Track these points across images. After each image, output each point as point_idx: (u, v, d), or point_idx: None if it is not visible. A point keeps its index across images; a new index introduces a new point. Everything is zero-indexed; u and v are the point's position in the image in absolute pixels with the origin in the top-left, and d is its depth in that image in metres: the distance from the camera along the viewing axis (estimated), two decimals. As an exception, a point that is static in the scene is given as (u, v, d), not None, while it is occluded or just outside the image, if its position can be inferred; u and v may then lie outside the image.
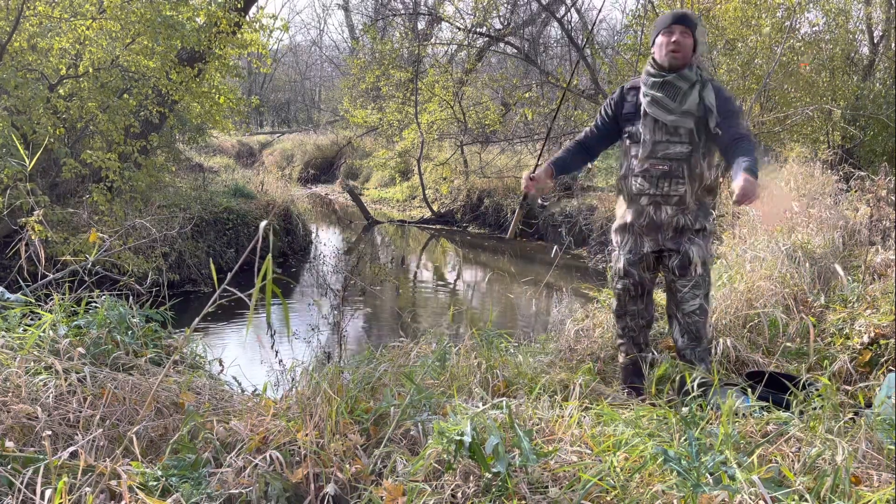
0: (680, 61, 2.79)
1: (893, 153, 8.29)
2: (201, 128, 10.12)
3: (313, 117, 27.83)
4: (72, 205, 6.62)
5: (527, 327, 5.83)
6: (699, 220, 2.93)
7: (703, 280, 2.98)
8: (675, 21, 2.80)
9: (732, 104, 2.83)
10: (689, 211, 2.91)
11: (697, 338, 3.01)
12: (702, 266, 2.96)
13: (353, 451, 2.05)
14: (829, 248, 4.62)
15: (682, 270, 2.95)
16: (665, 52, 2.80)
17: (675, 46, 2.77)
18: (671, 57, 2.78)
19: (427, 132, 12.95)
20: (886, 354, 3.18)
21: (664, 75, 2.81)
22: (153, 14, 6.15)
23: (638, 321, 3.15)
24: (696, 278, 2.96)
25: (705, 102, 2.77)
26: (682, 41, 2.77)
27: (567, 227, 10.45)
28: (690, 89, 2.79)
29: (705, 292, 3.01)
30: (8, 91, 5.89)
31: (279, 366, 3.78)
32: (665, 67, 2.82)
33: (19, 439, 1.96)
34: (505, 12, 14.32)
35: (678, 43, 2.76)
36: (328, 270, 8.65)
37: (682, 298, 2.98)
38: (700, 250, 2.95)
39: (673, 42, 2.77)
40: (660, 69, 2.84)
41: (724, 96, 2.84)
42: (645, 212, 2.96)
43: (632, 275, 3.06)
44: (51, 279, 3.56)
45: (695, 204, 2.91)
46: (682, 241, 2.95)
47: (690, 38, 2.79)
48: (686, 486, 1.72)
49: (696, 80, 2.80)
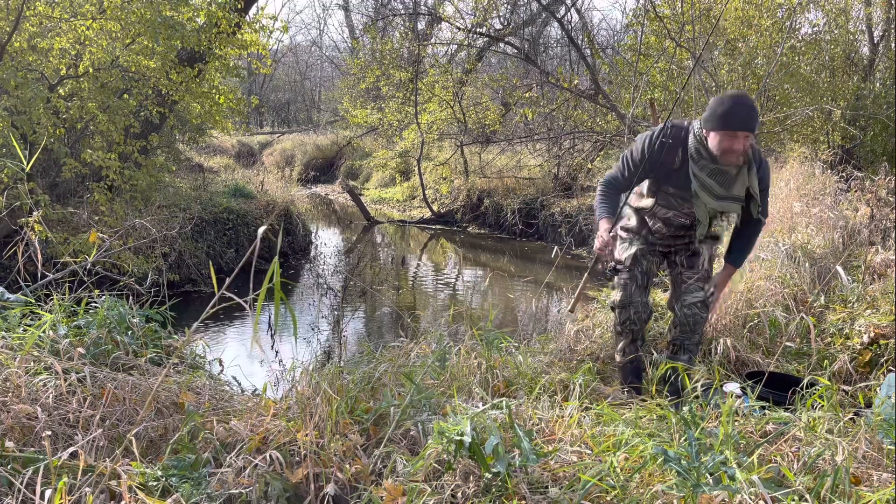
0: (737, 164, 2.75)
1: (893, 153, 8.29)
2: (201, 128, 10.12)
3: (313, 117, 27.83)
4: (72, 205, 6.62)
5: (527, 327, 5.82)
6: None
7: (708, 275, 3.11)
8: (740, 126, 2.66)
9: (766, 181, 2.90)
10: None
11: (692, 330, 3.08)
12: (709, 262, 3.10)
13: (353, 451, 2.05)
14: (829, 248, 4.62)
15: (690, 262, 3.09)
16: (725, 156, 2.71)
17: (737, 155, 2.70)
18: (730, 161, 2.73)
19: (427, 132, 12.94)
20: (886, 354, 3.18)
21: (717, 164, 2.77)
22: (153, 14, 6.15)
23: (641, 314, 3.17)
24: (703, 272, 3.08)
25: (752, 190, 2.81)
26: (743, 149, 2.69)
27: (567, 227, 10.45)
28: (738, 174, 2.80)
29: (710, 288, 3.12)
30: (8, 91, 5.89)
31: (279, 366, 3.78)
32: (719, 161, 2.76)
33: (19, 439, 1.96)
34: (505, 12, 14.32)
35: (739, 152, 2.69)
36: (328, 270, 8.65)
37: (687, 289, 3.07)
38: (709, 249, 3.12)
39: (734, 150, 2.68)
40: (712, 159, 2.77)
41: (763, 176, 2.87)
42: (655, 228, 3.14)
43: (641, 264, 3.12)
44: (50, 279, 3.57)
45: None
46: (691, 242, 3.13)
47: (751, 139, 2.71)
48: (686, 486, 1.72)
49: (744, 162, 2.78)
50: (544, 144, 12.76)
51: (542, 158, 12.86)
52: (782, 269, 4.11)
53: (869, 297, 3.74)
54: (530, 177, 12.58)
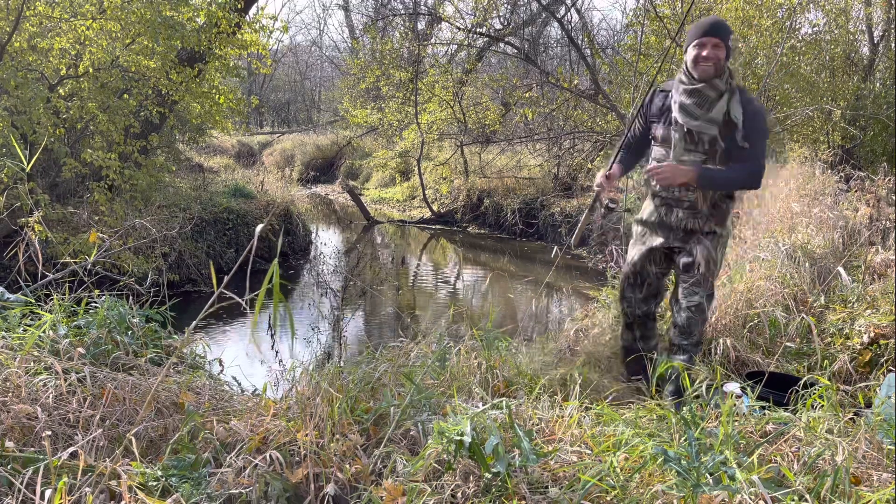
0: (711, 73, 2.84)
1: (893, 153, 8.29)
2: (201, 128, 10.12)
3: (313, 117, 27.82)
4: (72, 205, 6.62)
5: (527, 327, 5.83)
6: (709, 224, 3.02)
7: (705, 280, 3.04)
8: (706, 33, 2.82)
9: (759, 121, 2.86)
10: (701, 215, 3.02)
11: (687, 332, 3.09)
12: (705, 266, 3.02)
13: (353, 451, 2.05)
14: (829, 248, 4.62)
15: (686, 267, 3.07)
16: (696, 65, 2.85)
17: (706, 59, 2.82)
18: (702, 70, 2.84)
19: (427, 132, 12.94)
20: (886, 354, 3.18)
21: (695, 84, 2.88)
22: (153, 14, 6.15)
23: (634, 309, 3.34)
24: (698, 276, 3.04)
25: (731, 115, 2.83)
26: (712, 54, 2.81)
27: (567, 227, 10.45)
28: (718, 98, 2.85)
29: (707, 293, 3.06)
30: (8, 91, 5.89)
31: (279, 366, 3.78)
32: (696, 78, 2.88)
33: (19, 439, 1.96)
34: (505, 12, 14.32)
35: (709, 56, 2.81)
36: (328, 270, 8.65)
37: (682, 293, 3.08)
38: (705, 250, 3.03)
39: (704, 55, 2.82)
40: (691, 78, 2.90)
41: (752, 111, 2.86)
42: (657, 211, 3.14)
43: (635, 264, 3.26)
44: (50, 279, 3.57)
45: (709, 209, 3.01)
46: (690, 240, 3.07)
47: (722, 49, 2.83)
48: (686, 486, 1.72)
49: (726, 89, 2.85)
50: (544, 144, 12.76)
51: (542, 158, 12.86)
52: (782, 269, 4.11)
53: (869, 297, 3.74)
54: (530, 177, 12.58)
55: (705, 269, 3.03)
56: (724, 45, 2.83)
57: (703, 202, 2.99)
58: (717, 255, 3.07)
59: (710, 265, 3.04)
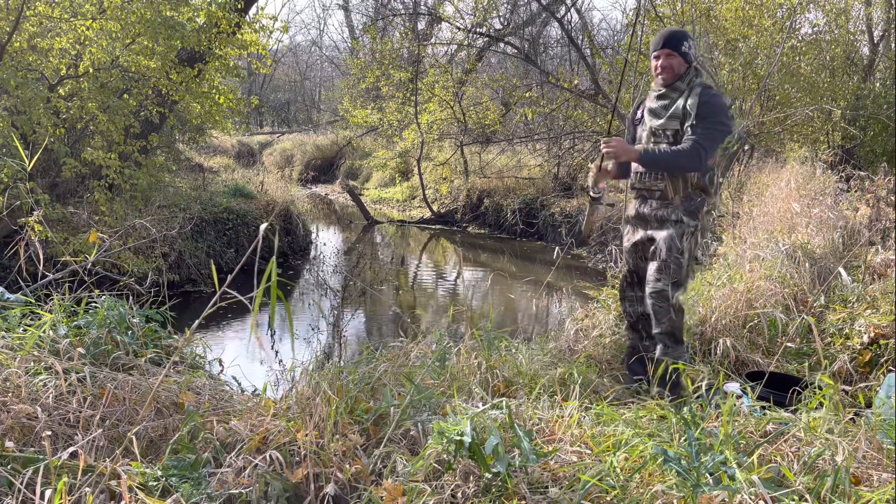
0: (668, 81, 3.15)
1: (893, 153, 8.29)
2: (201, 128, 10.11)
3: (313, 117, 27.82)
4: (72, 204, 6.62)
5: (527, 327, 5.83)
6: (677, 213, 3.14)
7: (667, 267, 3.11)
8: (658, 47, 3.14)
9: (708, 109, 3.03)
10: (673, 206, 3.15)
11: (656, 321, 3.15)
12: (666, 251, 3.12)
13: (353, 451, 2.05)
14: (829, 248, 4.62)
15: (652, 253, 3.20)
16: (656, 75, 3.18)
17: (660, 70, 3.15)
18: (661, 78, 3.17)
19: (427, 132, 12.94)
20: (886, 354, 3.18)
21: (661, 89, 3.20)
22: (153, 14, 6.15)
23: (636, 307, 3.38)
24: (660, 262, 3.14)
25: (687, 108, 3.06)
26: (665, 64, 3.13)
27: (567, 227, 10.45)
28: (679, 97, 3.12)
29: (672, 281, 3.11)
30: (8, 91, 5.89)
31: (279, 366, 3.78)
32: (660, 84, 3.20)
33: (19, 439, 1.96)
34: (505, 12, 14.32)
35: (662, 67, 3.14)
36: (328, 270, 8.65)
37: (648, 280, 3.18)
38: (668, 237, 3.13)
39: (658, 67, 3.15)
40: (658, 85, 3.23)
41: (705, 102, 3.04)
42: (636, 205, 3.31)
43: (627, 262, 3.39)
44: (50, 279, 3.56)
45: (680, 199, 3.13)
46: (661, 229, 3.19)
47: (675, 57, 3.10)
48: (686, 486, 1.72)
49: (685, 89, 3.12)
50: (544, 144, 12.76)
51: (542, 158, 12.86)
52: (782, 269, 4.11)
53: (869, 297, 3.74)
54: (530, 177, 12.58)
55: (666, 254, 3.11)
56: (677, 52, 3.10)
57: (674, 193, 3.13)
58: (682, 245, 3.11)
59: (673, 252, 3.11)
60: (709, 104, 3.02)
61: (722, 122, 3.03)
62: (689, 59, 3.12)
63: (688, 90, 3.09)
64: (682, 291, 3.15)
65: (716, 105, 3.03)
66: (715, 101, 3.04)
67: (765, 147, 9.08)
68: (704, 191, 3.13)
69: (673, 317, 3.11)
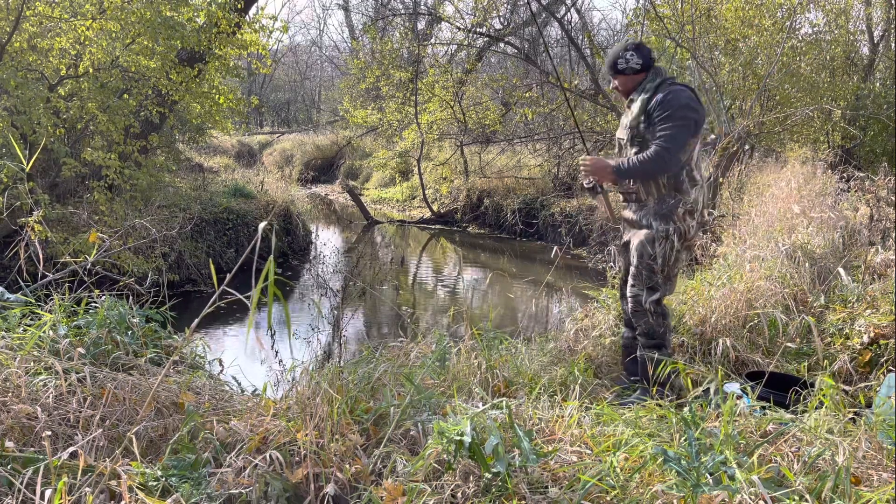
0: (625, 95, 3.28)
1: (893, 153, 8.29)
2: (201, 128, 10.12)
3: (313, 117, 27.83)
4: (72, 205, 6.62)
5: (527, 327, 5.82)
6: (647, 218, 3.15)
7: (639, 273, 3.15)
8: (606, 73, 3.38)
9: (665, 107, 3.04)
10: (646, 209, 3.16)
11: (637, 324, 3.18)
12: (637, 258, 3.15)
13: (353, 451, 2.05)
14: (829, 248, 4.62)
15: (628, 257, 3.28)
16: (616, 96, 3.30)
17: (615, 90, 3.35)
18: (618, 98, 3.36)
19: (427, 132, 12.94)
20: (886, 354, 3.18)
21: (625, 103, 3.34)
22: (153, 14, 6.15)
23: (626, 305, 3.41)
24: (633, 268, 3.18)
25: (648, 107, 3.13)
26: (615, 86, 3.30)
27: (567, 227, 10.45)
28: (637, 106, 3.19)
29: (648, 286, 3.13)
30: (8, 91, 5.89)
31: (279, 366, 3.78)
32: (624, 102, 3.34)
33: (19, 439, 1.96)
34: (505, 12, 14.30)
35: (615, 88, 3.33)
36: (328, 270, 8.65)
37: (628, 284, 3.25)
38: (639, 244, 3.15)
39: (614, 90, 3.34)
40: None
41: (662, 99, 3.05)
42: (619, 208, 3.40)
43: (621, 263, 3.47)
44: (50, 279, 3.56)
45: (654, 202, 3.14)
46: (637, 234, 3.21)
47: (619, 76, 3.23)
48: (686, 486, 1.72)
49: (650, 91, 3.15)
50: (544, 144, 12.76)
51: (542, 158, 12.86)
52: (782, 270, 4.11)
53: (869, 297, 3.74)
54: (530, 177, 12.58)
55: (638, 261, 3.13)
56: (619, 73, 3.22)
57: (646, 195, 3.14)
58: (653, 250, 3.09)
59: (644, 258, 3.11)
60: (667, 102, 3.02)
61: (684, 115, 3.00)
62: (635, 68, 3.16)
63: (644, 93, 3.13)
64: (659, 295, 3.13)
65: (674, 101, 3.02)
66: (674, 97, 3.02)
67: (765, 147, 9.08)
68: (678, 190, 3.08)
69: (650, 320, 3.14)
